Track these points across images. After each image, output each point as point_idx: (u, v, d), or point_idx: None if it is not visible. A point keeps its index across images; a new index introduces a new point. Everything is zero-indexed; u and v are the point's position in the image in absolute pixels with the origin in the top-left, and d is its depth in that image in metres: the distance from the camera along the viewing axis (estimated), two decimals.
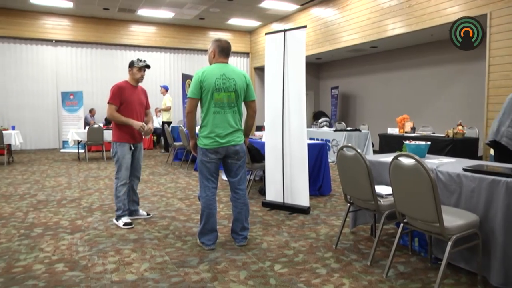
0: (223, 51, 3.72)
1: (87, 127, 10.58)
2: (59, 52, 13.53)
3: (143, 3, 11.83)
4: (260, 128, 9.49)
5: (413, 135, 8.20)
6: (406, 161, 2.82)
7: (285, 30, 5.05)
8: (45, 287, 3.01)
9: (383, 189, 3.51)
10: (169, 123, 11.70)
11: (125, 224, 4.53)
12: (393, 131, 8.97)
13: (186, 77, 12.18)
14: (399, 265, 3.33)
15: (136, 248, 3.80)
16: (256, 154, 5.85)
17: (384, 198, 3.38)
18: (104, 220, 4.79)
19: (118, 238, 4.11)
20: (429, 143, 3.93)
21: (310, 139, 8.36)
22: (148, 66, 4.71)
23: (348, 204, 3.75)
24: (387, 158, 3.83)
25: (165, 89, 12.01)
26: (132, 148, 4.66)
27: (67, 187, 6.83)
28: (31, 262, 3.49)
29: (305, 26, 5.00)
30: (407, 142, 3.97)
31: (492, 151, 4.58)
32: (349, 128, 10.68)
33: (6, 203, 5.73)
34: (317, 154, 6.05)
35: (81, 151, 11.07)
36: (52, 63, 13.45)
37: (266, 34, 5.30)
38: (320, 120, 13.02)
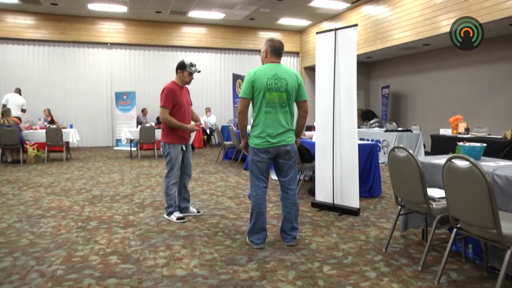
0: (275, 51, 3.72)
1: (139, 126, 10.92)
2: (113, 54, 14.08)
3: (194, 5, 12.05)
4: (310, 128, 9.43)
5: (467, 136, 7.89)
6: (461, 163, 2.72)
7: (336, 29, 4.99)
8: (100, 277, 3.15)
9: (435, 192, 3.40)
10: None
11: (178, 218, 4.65)
12: (446, 132, 8.67)
13: (236, 77, 12.32)
14: (452, 272, 3.20)
15: (186, 245, 3.88)
16: (306, 154, 5.83)
17: (436, 202, 3.28)
18: (155, 216, 4.93)
19: (169, 234, 4.22)
20: (484, 145, 3.78)
21: (360, 139, 8.24)
22: (199, 71, 4.81)
23: (399, 207, 3.66)
24: (440, 160, 3.70)
25: None
26: (184, 148, 4.78)
27: (120, 184, 7.09)
28: (87, 253, 3.67)
29: (356, 25, 4.93)
30: (461, 143, 3.84)
31: None
32: (400, 129, 10.42)
33: (65, 197, 6.03)
34: (367, 155, 5.95)
35: (134, 149, 11.44)
36: (106, 65, 14.02)
37: (316, 33, 5.26)
38: (371, 121, 12.78)
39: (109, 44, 13.89)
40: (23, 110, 11.22)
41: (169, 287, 2.95)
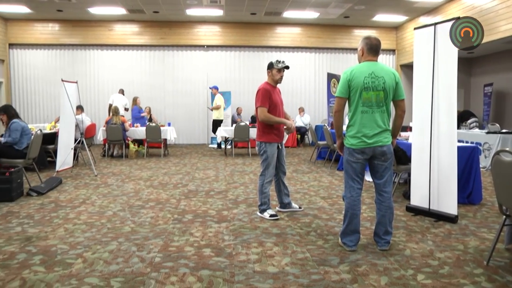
0: (371, 48, 3.64)
1: (234, 125, 11.24)
2: (209, 55, 14.66)
3: (288, 5, 12.14)
4: (406, 128, 9.04)
5: None
6: None
7: (435, 24, 4.75)
8: (194, 267, 3.32)
9: None
10: (220, 121, 11.93)
11: (271, 216, 4.75)
12: None
13: (331, 77, 12.23)
14: None
15: (278, 242, 3.94)
16: (402, 155, 5.63)
17: None
18: (248, 212, 5.07)
19: (262, 231, 4.31)
20: None
21: (459, 141, 7.76)
22: (287, 67, 4.83)
23: (504, 216, 3.39)
24: None
25: (216, 89, 12.44)
26: (280, 147, 4.86)
27: (215, 180, 7.36)
28: (182, 244, 3.89)
29: (458, 18, 4.65)
30: None
31: None
32: (504, 130, 9.59)
33: (163, 190, 6.42)
34: (467, 158, 5.59)
35: (228, 147, 11.81)
36: (203, 66, 14.65)
37: (414, 29, 5.05)
38: (469, 121, 11.94)
39: (205, 46, 14.51)
40: (126, 109, 12.20)
41: (260, 283, 3.02)
